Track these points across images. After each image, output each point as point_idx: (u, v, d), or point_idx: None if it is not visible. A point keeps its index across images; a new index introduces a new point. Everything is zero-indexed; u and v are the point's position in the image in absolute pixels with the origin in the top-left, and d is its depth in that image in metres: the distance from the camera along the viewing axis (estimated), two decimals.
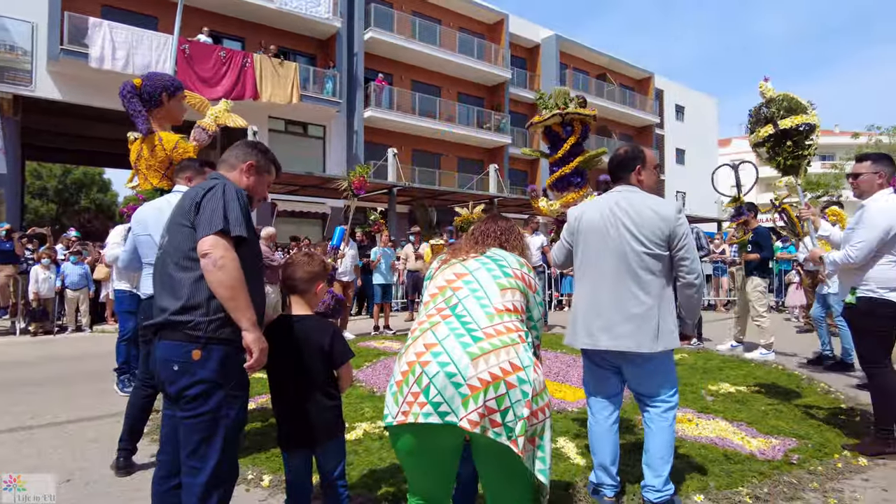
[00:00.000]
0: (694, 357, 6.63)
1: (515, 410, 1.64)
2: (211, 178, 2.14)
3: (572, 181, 4.57)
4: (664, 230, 2.60)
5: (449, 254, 2.10)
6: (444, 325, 1.77)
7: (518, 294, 1.92)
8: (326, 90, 19.12)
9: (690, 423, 4.07)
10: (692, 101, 36.21)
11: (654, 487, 2.64)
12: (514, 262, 2.02)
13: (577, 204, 4.00)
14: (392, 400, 1.74)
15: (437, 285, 1.94)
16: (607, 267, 2.66)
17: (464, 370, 1.64)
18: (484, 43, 24.78)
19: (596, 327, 2.65)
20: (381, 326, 9.28)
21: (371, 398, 4.75)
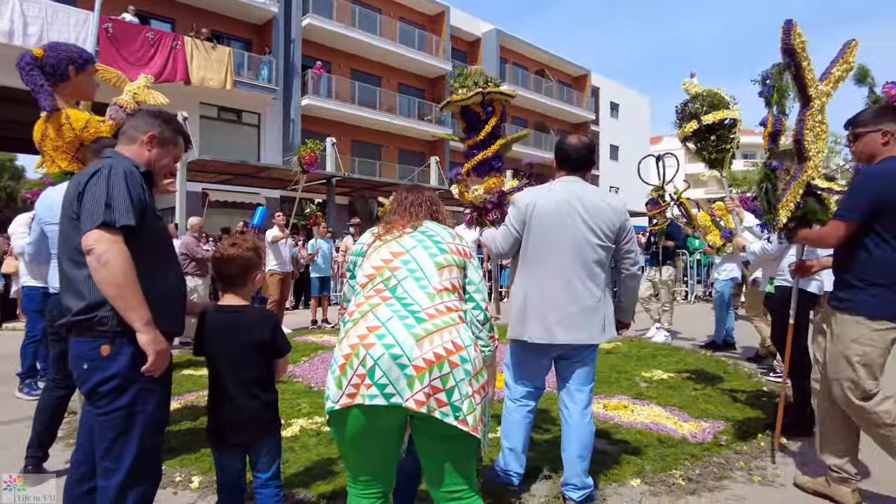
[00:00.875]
0: (628, 345, 6.84)
1: (461, 389, 1.67)
2: (104, 158, 1.93)
3: (494, 165, 4.43)
4: (616, 223, 2.62)
5: (383, 229, 2.00)
6: (385, 306, 1.74)
7: (455, 271, 1.90)
8: (262, 76, 18.48)
9: (626, 409, 4.17)
10: (627, 99, 37.42)
11: (576, 486, 2.64)
12: (447, 236, 1.97)
13: (500, 189, 3.92)
14: (335, 384, 1.67)
15: (373, 265, 1.86)
16: (563, 258, 2.59)
17: (409, 351, 1.63)
18: (425, 34, 24.64)
19: (553, 321, 2.56)
20: (318, 320, 9.07)
21: (308, 394, 4.60)
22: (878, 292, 2.55)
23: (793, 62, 3.19)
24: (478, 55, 27.95)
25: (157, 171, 2.08)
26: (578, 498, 2.61)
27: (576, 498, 2.62)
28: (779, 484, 2.99)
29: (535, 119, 30.87)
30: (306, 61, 20.51)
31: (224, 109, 18.55)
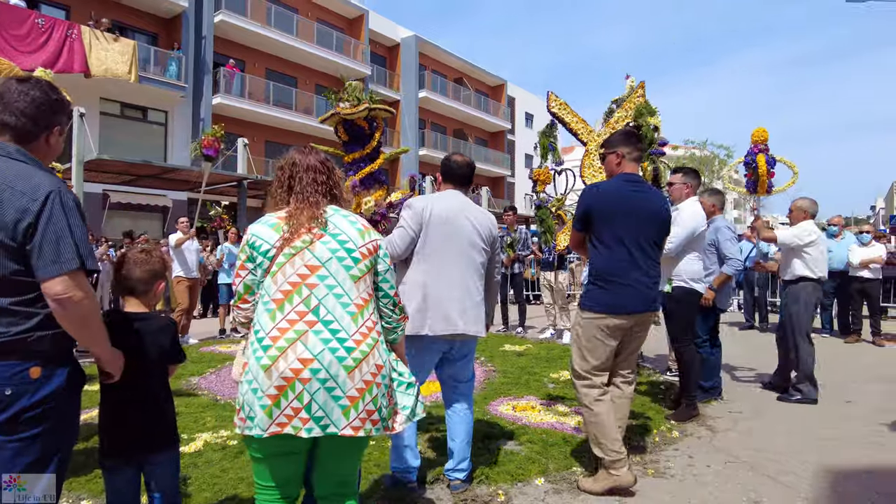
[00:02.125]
0: (538, 347, 7.09)
1: (384, 403, 1.82)
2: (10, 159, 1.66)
3: (378, 178, 4.56)
4: (493, 234, 3.00)
5: (288, 228, 1.81)
6: (312, 335, 1.72)
7: (368, 277, 1.89)
8: (170, 73, 17.58)
9: (534, 409, 4.33)
10: (541, 109, 38.70)
11: (462, 469, 2.93)
12: (356, 236, 1.87)
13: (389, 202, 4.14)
14: (265, 413, 1.68)
15: (288, 280, 1.77)
16: (459, 259, 2.84)
17: (342, 384, 1.71)
18: (343, 37, 24.39)
19: (455, 312, 2.78)
20: (227, 329, 8.70)
21: (213, 407, 4.43)
22: (591, 288, 3.07)
23: (558, 121, 4.33)
24: (397, 60, 28.02)
25: (53, 158, 1.90)
26: (464, 478, 2.94)
27: (462, 478, 2.93)
28: (670, 475, 3.22)
29: (453, 126, 31.32)
30: (218, 59, 19.73)
31: (128, 106, 17.47)
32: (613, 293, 2.96)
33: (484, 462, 3.27)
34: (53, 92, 1.79)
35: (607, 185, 3.12)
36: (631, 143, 3.12)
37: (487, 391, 4.89)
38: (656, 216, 3.03)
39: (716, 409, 4.54)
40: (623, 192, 3.01)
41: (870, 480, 3.19)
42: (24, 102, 1.70)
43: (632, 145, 3.12)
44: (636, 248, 2.96)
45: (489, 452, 3.44)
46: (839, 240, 8.36)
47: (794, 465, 3.38)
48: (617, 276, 2.96)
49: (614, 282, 2.96)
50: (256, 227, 1.86)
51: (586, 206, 3.06)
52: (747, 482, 3.13)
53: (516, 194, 33.42)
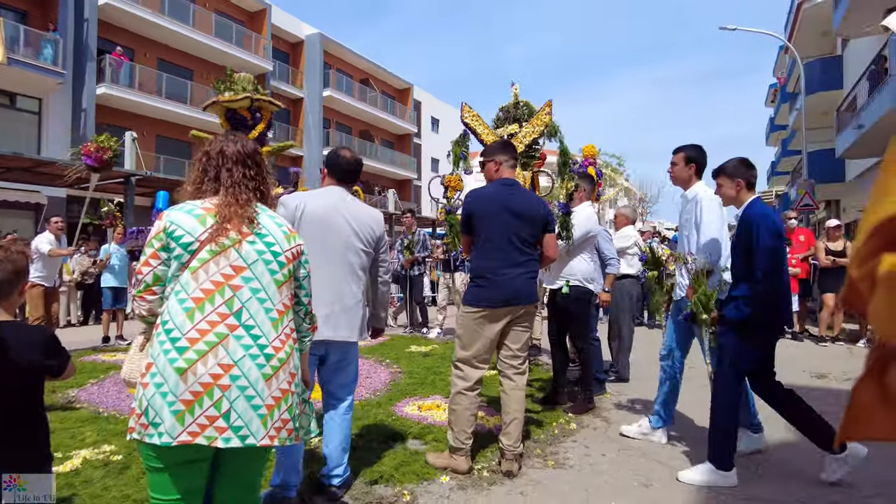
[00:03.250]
0: (444, 348, 7.16)
1: (296, 411, 1.78)
2: None
3: None
4: (376, 233, 2.92)
5: (216, 222, 1.70)
6: (233, 340, 1.63)
7: (289, 284, 1.83)
8: (44, 56, 15.99)
9: (439, 408, 4.36)
10: (446, 114, 39.28)
11: (338, 475, 2.85)
12: (282, 238, 1.80)
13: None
14: (175, 419, 1.55)
15: (212, 279, 1.65)
16: (331, 258, 2.73)
17: (261, 392, 1.65)
18: (244, 31, 23.43)
19: (319, 318, 2.62)
20: (112, 337, 8.03)
21: (95, 420, 4.06)
22: (471, 285, 3.26)
23: (470, 131, 4.66)
24: (301, 57, 27.34)
25: None
26: (339, 483, 2.85)
27: (337, 483, 2.85)
28: (569, 466, 3.36)
29: (359, 127, 31.01)
30: (104, 45, 18.25)
31: None
32: (488, 288, 3.15)
33: (389, 463, 3.24)
34: None
35: (486, 189, 3.34)
36: (507, 152, 3.38)
37: (393, 393, 4.86)
38: (531, 215, 3.22)
39: (610, 401, 4.81)
40: (500, 194, 3.22)
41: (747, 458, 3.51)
42: None
43: (508, 154, 3.38)
44: (510, 246, 3.16)
45: (394, 453, 3.42)
46: None
47: (680, 448, 3.66)
48: (492, 272, 3.15)
49: (489, 278, 3.14)
50: (176, 214, 1.70)
51: (467, 210, 3.27)
52: (639, 468, 3.34)
53: (423, 198, 33.63)
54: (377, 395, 4.81)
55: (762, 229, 2.95)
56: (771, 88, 33.86)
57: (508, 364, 3.30)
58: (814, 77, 19.20)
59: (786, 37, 22.51)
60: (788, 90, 26.04)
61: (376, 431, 3.82)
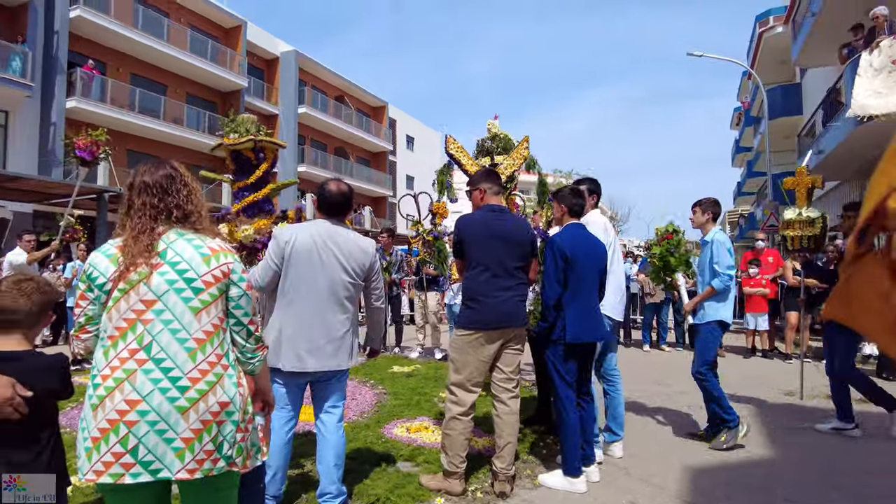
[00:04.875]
0: (426, 368, 7.21)
1: (228, 440, 1.72)
2: None
3: (263, 207, 4.70)
4: (366, 263, 2.98)
5: (124, 259, 1.70)
6: (141, 374, 1.62)
7: (216, 305, 1.77)
8: (12, 68, 15.67)
9: (427, 430, 4.41)
10: (421, 133, 39.64)
11: (332, 494, 2.86)
12: (198, 262, 1.74)
13: (268, 230, 4.18)
14: (85, 456, 1.59)
15: (123, 316, 1.67)
16: (318, 293, 2.82)
17: (174, 425, 1.61)
18: (219, 46, 23.33)
19: (303, 350, 2.78)
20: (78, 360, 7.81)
21: None
22: (463, 308, 3.37)
23: (455, 162, 4.87)
24: (276, 74, 27.30)
25: None
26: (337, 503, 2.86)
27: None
28: None
29: (334, 144, 31.01)
30: (74, 58, 17.96)
31: None
32: (479, 311, 3.25)
33: (383, 486, 3.29)
34: None
35: (473, 215, 3.48)
36: (491, 180, 3.54)
37: (381, 414, 4.89)
38: (517, 239, 3.35)
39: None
40: (487, 220, 3.35)
41: (721, 475, 3.66)
42: None
43: (492, 181, 3.54)
44: (500, 269, 3.27)
45: (387, 475, 3.47)
46: None
47: (662, 467, 3.79)
48: (482, 295, 3.25)
49: (480, 300, 3.24)
50: (95, 256, 1.75)
51: (457, 235, 3.40)
52: (624, 486, 3.46)
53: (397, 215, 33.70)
54: (364, 416, 4.83)
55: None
56: (735, 112, 35.09)
57: (502, 387, 3.39)
58: (776, 103, 20.04)
59: (748, 63, 23.45)
60: (752, 114, 27.04)
61: (367, 454, 3.86)
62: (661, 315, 9.98)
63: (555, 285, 3.40)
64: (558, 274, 3.40)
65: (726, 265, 4.32)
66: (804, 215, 5.18)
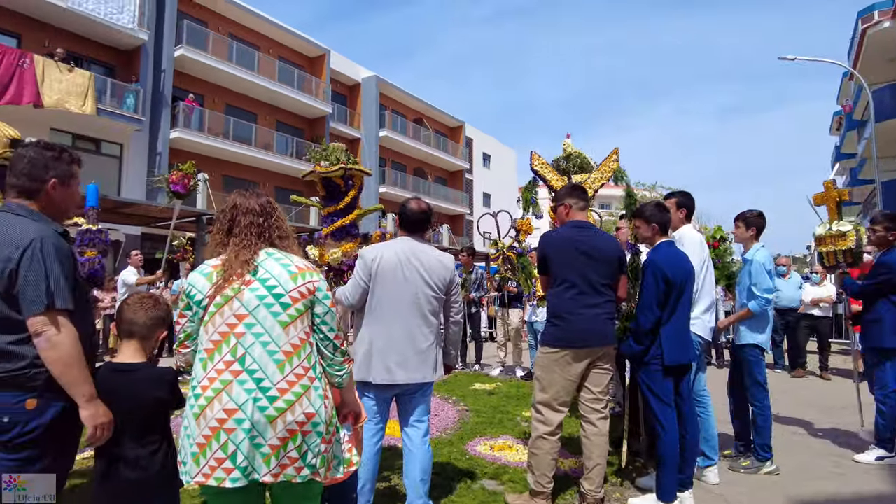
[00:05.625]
0: (507, 386, 7.14)
1: (313, 450, 1.81)
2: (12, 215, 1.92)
3: (350, 231, 4.92)
4: (447, 278, 3.04)
5: (220, 274, 1.85)
6: (237, 385, 1.75)
7: (302, 320, 1.88)
8: (127, 105, 17.23)
9: (511, 449, 4.36)
10: (497, 150, 39.77)
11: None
12: (286, 279, 1.86)
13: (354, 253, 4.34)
14: (192, 460, 1.74)
15: (218, 331, 1.80)
16: (404, 307, 2.91)
17: (264, 433, 1.73)
18: (305, 75, 24.58)
19: (393, 363, 2.86)
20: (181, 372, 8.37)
21: None
22: (548, 325, 3.34)
23: (540, 178, 4.85)
24: (358, 100, 28.35)
25: (68, 209, 2.09)
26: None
27: None
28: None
29: (413, 165, 31.71)
30: (177, 93, 19.52)
31: (80, 138, 16.95)
32: (564, 328, 3.19)
33: (469, 502, 3.28)
34: (49, 149, 2.03)
35: (558, 231, 3.44)
36: (576, 195, 3.48)
37: (463, 431, 4.89)
38: (605, 256, 3.25)
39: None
40: (572, 236, 3.29)
41: None
42: (22, 164, 1.98)
43: (577, 197, 3.47)
44: (587, 286, 3.19)
45: (472, 493, 3.45)
46: (787, 279, 8.84)
47: (765, 496, 3.52)
48: (567, 313, 3.19)
49: (566, 318, 3.19)
50: (193, 276, 1.91)
51: (541, 251, 3.39)
52: None
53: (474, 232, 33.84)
54: (447, 433, 4.84)
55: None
56: (835, 116, 32.71)
57: (591, 408, 3.30)
58: (883, 104, 18.52)
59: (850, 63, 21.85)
60: (855, 118, 25.11)
61: (451, 470, 3.86)
62: None
63: (655, 309, 3.26)
64: (659, 297, 3.26)
65: (764, 288, 4.04)
66: (835, 229, 4.80)
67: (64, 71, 14.91)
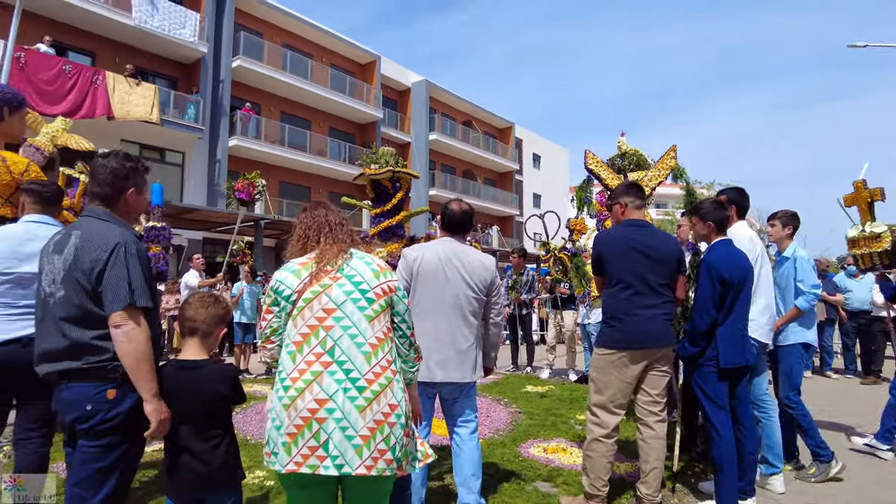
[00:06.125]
0: (560, 389, 7.05)
1: (399, 442, 1.86)
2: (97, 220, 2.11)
3: (396, 232, 5.03)
4: (487, 279, 3.05)
5: (310, 273, 1.94)
6: (327, 376, 1.80)
7: (385, 316, 1.97)
8: (188, 115, 18.03)
9: (565, 451, 4.30)
10: (547, 150, 39.33)
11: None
12: (370, 276, 1.97)
13: (398, 253, 4.40)
14: (284, 450, 1.78)
15: (307, 324, 1.87)
16: (444, 307, 2.94)
17: (354, 423, 1.77)
18: (356, 82, 25.05)
19: (433, 361, 2.89)
20: (240, 368, 8.65)
21: (244, 447, 4.41)
22: (603, 326, 3.29)
23: (595, 177, 4.79)
24: (408, 104, 28.66)
25: (139, 214, 2.31)
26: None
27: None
28: None
29: (462, 167, 31.78)
30: (235, 102, 20.26)
31: (146, 147, 17.86)
32: (620, 330, 3.14)
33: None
34: (127, 160, 2.22)
35: (613, 230, 3.39)
36: (632, 194, 3.39)
37: (516, 433, 4.86)
38: (662, 256, 3.17)
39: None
40: (628, 235, 3.22)
41: None
42: (104, 174, 2.16)
43: (633, 195, 3.39)
44: (643, 286, 3.12)
45: (526, 494, 3.43)
46: (859, 279, 8.37)
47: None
48: (623, 314, 3.13)
49: (621, 319, 3.13)
50: (281, 272, 1.98)
51: (596, 251, 3.34)
52: None
53: (524, 233, 33.61)
54: (500, 434, 4.83)
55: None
56: None
57: (648, 410, 3.23)
58: None
59: None
60: None
61: (504, 471, 3.85)
62: (825, 338, 8.90)
63: (711, 310, 3.16)
64: (715, 299, 3.16)
65: (811, 284, 3.88)
66: (868, 231, 4.51)
67: (132, 85, 15.74)
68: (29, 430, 2.64)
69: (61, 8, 15.37)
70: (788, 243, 4.14)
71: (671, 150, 4.63)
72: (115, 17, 16.08)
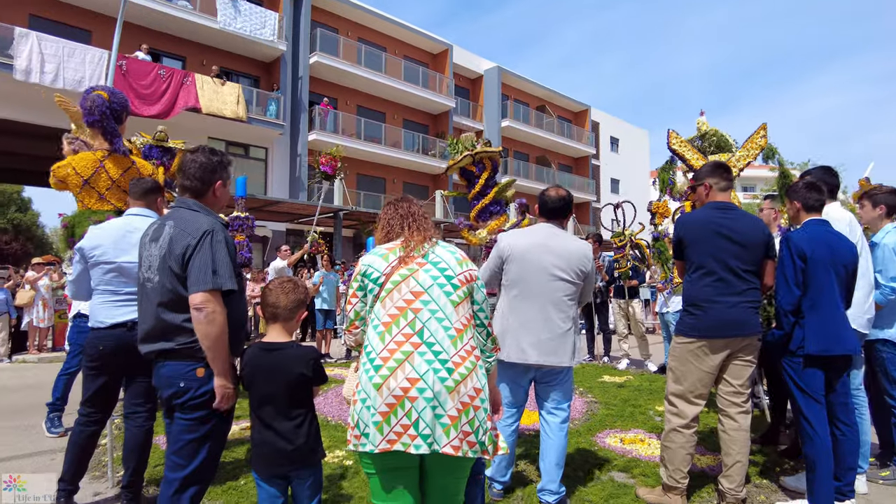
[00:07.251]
0: (639, 379, 6.85)
1: (483, 427, 1.88)
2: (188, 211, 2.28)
3: (493, 210, 5.07)
4: (585, 266, 3.05)
5: (398, 258, 1.99)
6: (418, 356, 1.84)
7: (467, 303, 2.01)
8: (270, 112, 18.86)
9: (643, 443, 4.19)
10: (626, 133, 37.99)
11: (552, 491, 2.96)
12: (455, 265, 2.02)
13: (501, 229, 4.40)
14: (376, 429, 1.80)
15: (396, 306, 1.91)
16: (539, 291, 2.97)
17: (444, 403, 1.81)
18: (428, 72, 25.21)
19: (526, 343, 2.91)
20: (323, 354, 9.04)
21: (325, 427, 4.62)
22: (683, 314, 3.15)
23: (678, 157, 4.55)
24: (480, 92, 28.53)
25: (224, 204, 2.49)
26: (554, 501, 2.96)
27: (551, 501, 2.96)
28: None
29: (536, 153, 31.31)
30: (313, 98, 20.95)
31: (232, 144, 18.86)
32: (701, 317, 3.01)
33: (598, 493, 3.22)
34: (214, 155, 2.39)
35: (696, 213, 3.24)
36: (718, 174, 3.21)
37: (592, 423, 4.79)
38: (749, 240, 3.00)
39: None
40: (712, 218, 3.08)
41: None
42: (194, 168, 2.34)
43: (718, 176, 3.21)
44: (727, 272, 2.98)
45: (601, 484, 3.37)
46: None
47: None
48: (704, 301, 3.01)
49: (702, 306, 3.01)
50: (368, 257, 2.04)
51: (678, 235, 3.22)
52: None
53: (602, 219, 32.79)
54: (576, 423, 4.77)
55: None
56: None
57: (730, 402, 3.08)
58: None
59: None
60: None
61: (580, 460, 3.80)
62: None
63: (793, 288, 2.97)
64: (797, 276, 2.96)
65: (890, 276, 3.46)
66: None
67: (218, 84, 16.66)
68: (136, 404, 2.93)
69: (155, 16, 16.46)
70: (882, 224, 3.69)
71: (761, 129, 4.35)
72: (203, 21, 17.03)
